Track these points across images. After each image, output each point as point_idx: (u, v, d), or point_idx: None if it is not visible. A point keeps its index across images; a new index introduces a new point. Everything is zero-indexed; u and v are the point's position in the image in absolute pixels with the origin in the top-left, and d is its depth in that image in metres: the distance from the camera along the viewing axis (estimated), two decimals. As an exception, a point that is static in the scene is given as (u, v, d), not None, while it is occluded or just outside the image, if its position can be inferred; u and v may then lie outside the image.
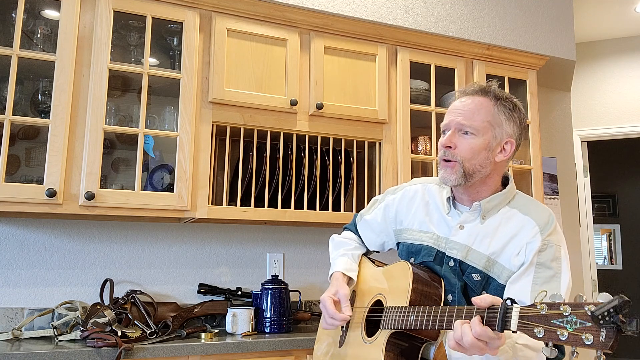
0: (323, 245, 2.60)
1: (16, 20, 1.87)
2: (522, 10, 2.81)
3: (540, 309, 0.91)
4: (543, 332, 0.89)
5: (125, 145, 2.22)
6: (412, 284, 1.29)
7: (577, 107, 3.96)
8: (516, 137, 1.35)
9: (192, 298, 2.33)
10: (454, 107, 1.36)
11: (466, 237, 1.33)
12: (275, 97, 2.20)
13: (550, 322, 0.88)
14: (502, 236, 1.29)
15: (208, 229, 2.42)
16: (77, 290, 2.17)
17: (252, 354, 1.94)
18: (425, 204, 1.47)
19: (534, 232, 1.26)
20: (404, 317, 1.25)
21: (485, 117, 1.31)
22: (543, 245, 1.24)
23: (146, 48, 2.05)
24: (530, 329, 0.91)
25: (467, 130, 1.30)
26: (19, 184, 1.84)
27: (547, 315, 0.89)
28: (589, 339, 0.83)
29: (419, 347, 1.30)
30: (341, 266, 1.57)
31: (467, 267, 1.31)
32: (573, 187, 3.40)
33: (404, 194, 1.55)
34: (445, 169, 1.33)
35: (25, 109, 2.05)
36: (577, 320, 0.85)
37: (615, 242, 6.39)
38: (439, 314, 1.15)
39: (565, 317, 0.87)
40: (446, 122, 1.35)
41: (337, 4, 2.34)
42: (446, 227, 1.39)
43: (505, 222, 1.31)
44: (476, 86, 1.37)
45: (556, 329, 0.87)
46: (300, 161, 2.27)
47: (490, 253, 1.29)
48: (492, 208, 1.34)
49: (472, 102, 1.33)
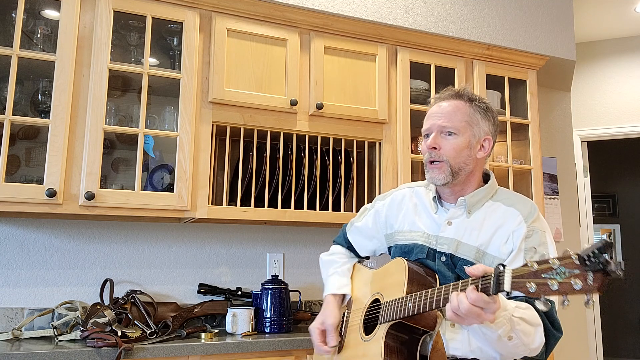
0: (323, 245, 2.60)
1: (16, 20, 1.87)
2: (522, 10, 2.81)
3: (530, 266, 0.96)
4: (535, 286, 0.94)
5: (125, 145, 2.22)
6: (408, 277, 1.33)
7: (577, 107, 3.96)
8: (492, 134, 1.45)
9: (192, 298, 2.33)
10: (432, 112, 1.45)
11: (455, 231, 1.39)
12: (275, 97, 2.20)
13: (541, 276, 0.94)
14: (488, 228, 1.36)
15: (208, 229, 2.43)
16: (77, 290, 2.17)
17: (252, 354, 1.94)
18: (413, 205, 1.53)
19: (518, 220, 1.34)
20: (401, 306, 1.28)
21: (463, 117, 1.40)
22: (529, 231, 1.32)
23: (146, 48, 2.05)
24: (523, 284, 0.96)
25: (449, 130, 1.39)
26: (19, 184, 1.84)
27: (538, 271, 0.95)
28: (578, 284, 0.88)
29: (417, 339, 1.32)
30: (332, 287, 1.64)
31: (459, 260, 1.35)
32: (573, 187, 3.40)
33: (392, 199, 1.62)
34: (432, 170, 1.40)
35: (25, 109, 2.05)
36: (565, 270, 0.91)
37: (615, 242, 6.39)
38: (435, 293, 1.19)
39: (555, 270, 0.92)
40: (427, 126, 1.44)
41: (337, 4, 2.34)
42: (435, 225, 1.44)
43: (491, 215, 1.38)
44: (450, 91, 1.46)
45: (547, 280, 0.93)
46: (300, 161, 2.27)
47: (479, 244, 1.35)
48: (477, 202, 1.40)
49: (449, 105, 1.42)
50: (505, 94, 2.70)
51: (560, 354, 3.12)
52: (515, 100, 2.78)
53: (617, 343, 6.01)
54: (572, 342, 3.22)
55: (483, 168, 1.47)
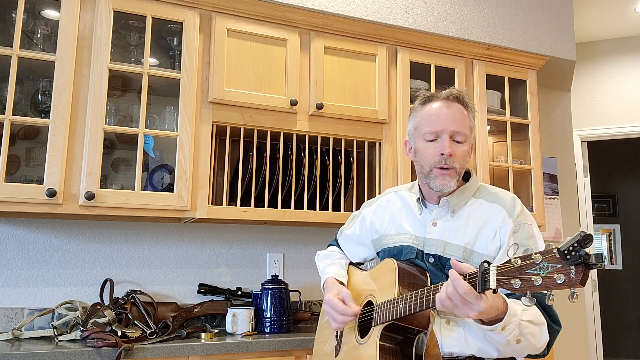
0: (323, 246, 2.60)
1: (16, 20, 1.87)
2: (522, 10, 2.81)
3: (514, 262, 0.97)
4: (520, 282, 0.95)
5: (125, 145, 2.22)
6: (398, 277, 1.33)
7: (577, 107, 3.96)
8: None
9: (192, 298, 2.33)
10: (440, 113, 1.38)
11: (440, 232, 1.39)
12: (275, 97, 2.20)
13: (525, 273, 0.95)
14: (473, 226, 1.36)
15: (208, 229, 2.43)
16: (77, 290, 2.17)
17: (252, 354, 1.94)
18: (399, 209, 1.53)
19: (503, 215, 1.34)
20: (393, 308, 1.28)
21: (468, 123, 1.40)
22: (516, 226, 1.32)
23: (146, 48, 2.05)
24: (507, 281, 0.97)
25: (461, 137, 1.37)
26: (19, 184, 1.84)
27: (521, 267, 0.96)
28: (561, 278, 0.89)
29: (412, 339, 1.32)
30: (331, 273, 1.63)
31: (447, 260, 1.34)
32: (573, 187, 3.40)
33: (378, 204, 1.62)
34: (444, 176, 1.36)
35: (25, 109, 2.05)
36: (548, 265, 0.91)
37: (615, 242, 6.39)
38: (425, 293, 1.19)
39: (538, 265, 0.93)
40: (438, 128, 1.37)
41: (337, 4, 2.34)
42: (421, 226, 1.44)
43: (474, 212, 1.38)
44: (454, 92, 1.41)
45: (530, 276, 0.94)
46: (300, 161, 2.27)
47: (465, 243, 1.34)
48: (460, 201, 1.40)
49: (457, 110, 1.40)
50: (505, 94, 2.70)
51: (560, 354, 3.13)
52: (515, 100, 2.78)
53: (617, 343, 6.01)
54: (572, 341, 3.22)
55: None
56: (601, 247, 6.44)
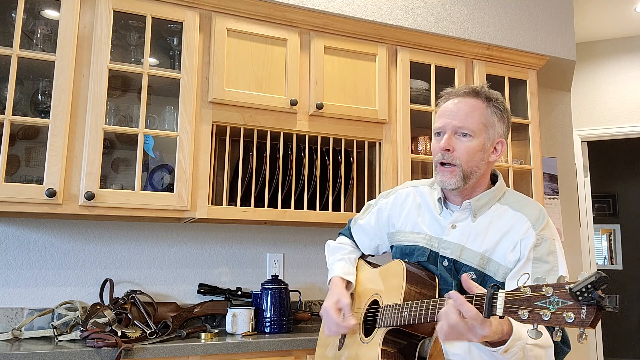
0: (323, 245, 2.59)
1: (16, 20, 1.87)
2: (522, 10, 2.81)
3: (524, 292, 0.92)
4: (527, 314, 0.91)
5: (125, 145, 2.22)
6: (406, 282, 1.30)
7: (577, 107, 3.95)
8: (505, 137, 1.38)
9: (192, 298, 2.33)
10: (446, 109, 1.35)
11: (459, 236, 1.33)
12: (275, 97, 2.20)
13: (534, 304, 0.90)
14: (494, 233, 1.30)
15: (208, 229, 2.42)
16: (77, 290, 2.17)
17: (252, 354, 1.94)
18: (417, 206, 1.48)
19: (526, 227, 1.27)
20: (398, 314, 1.26)
21: (479, 118, 1.32)
22: (538, 240, 1.25)
23: (146, 48, 2.05)
24: (514, 311, 0.92)
25: (465, 132, 1.31)
26: (19, 184, 1.84)
27: (531, 297, 0.91)
28: (571, 317, 0.84)
29: (415, 344, 1.30)
30: (339, 270, 1.58)
31: (462, 266, 1.31)
32: (573, 187, 3.40)
33: (396, 197, 1.56)
34: (443, 173, 1.33)
35: (25, 109, 2.05)
36: (559, 300, 0.87)
37: (616, 242, 6.39)
38: (431, 306, 1.15)
39: (548, 298, 0.88)
40: (441, 124, 1.35)
41: (337, 4, 2.34)
42: (439, 227, 1.39)
43: (497, 219, 1.32)
44: (467, 87, 1.37)
45: (539, 309, 0.89)
46: (300, 161, 2.27)
47: (483, 250, 1.29)
48: (483, 206, 1.34)
49: (466, 104, 1.33)
50: (505, 94, 2.69)
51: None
52: (515, 100, 2.78)
53: (617, 343, 6.01)
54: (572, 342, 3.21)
55: (491, 170, 1.41)
56: (601, 247, 6.43)
